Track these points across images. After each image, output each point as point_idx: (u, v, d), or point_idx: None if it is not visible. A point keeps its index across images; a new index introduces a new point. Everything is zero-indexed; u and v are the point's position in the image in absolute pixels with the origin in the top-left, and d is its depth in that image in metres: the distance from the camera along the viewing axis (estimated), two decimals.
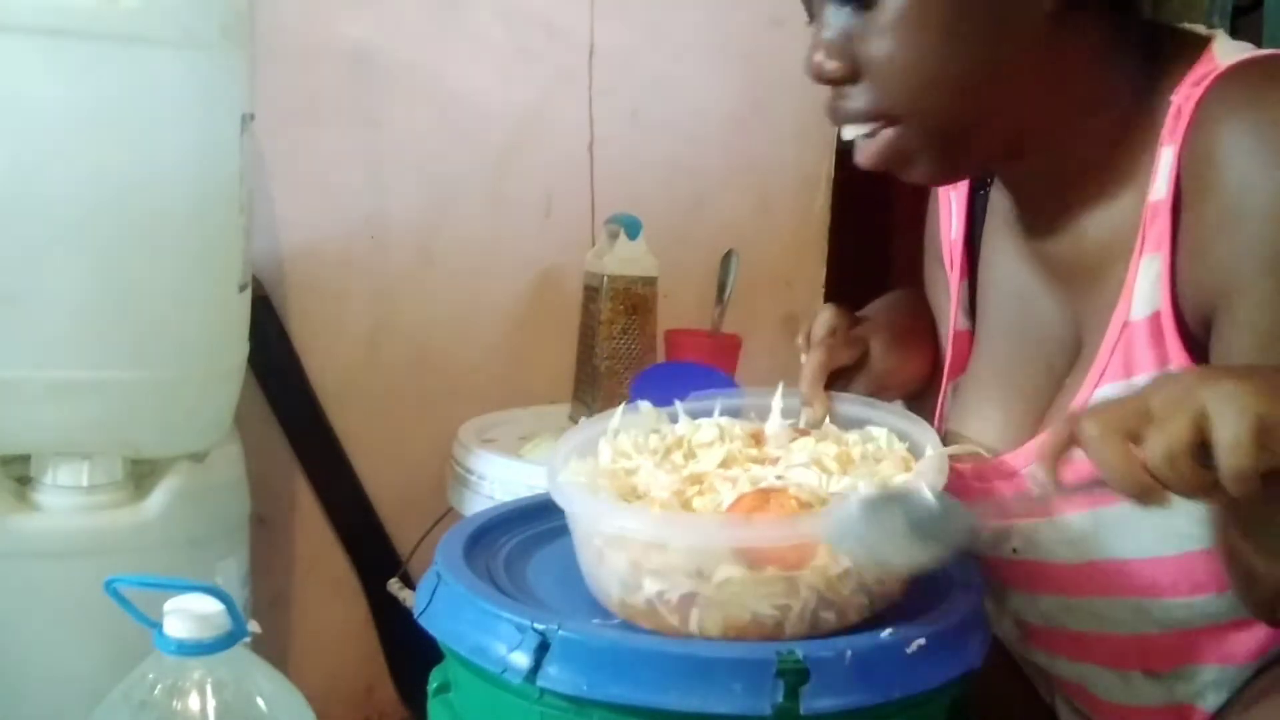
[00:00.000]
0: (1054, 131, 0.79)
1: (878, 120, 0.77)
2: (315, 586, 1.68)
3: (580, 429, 0.83)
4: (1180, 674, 0.84)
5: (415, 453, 1.64)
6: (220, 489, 1.29)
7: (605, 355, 1.37)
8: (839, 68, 0.76)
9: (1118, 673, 0.87)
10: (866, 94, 0.77)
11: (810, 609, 0.69)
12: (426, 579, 0.78)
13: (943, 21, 0.73)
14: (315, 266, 1.61)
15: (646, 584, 0.70)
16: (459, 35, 1.64)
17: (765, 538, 0.69)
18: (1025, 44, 0.74)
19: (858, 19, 0.75)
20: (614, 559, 0.72)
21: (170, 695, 0.73)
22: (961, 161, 0.81)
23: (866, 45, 0.75)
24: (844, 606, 0.70)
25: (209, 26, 1.13)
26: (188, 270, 1.16)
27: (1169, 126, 0.75)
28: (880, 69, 0.75)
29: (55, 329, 1.11)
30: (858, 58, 0.76)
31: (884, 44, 0.74)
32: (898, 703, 0.68)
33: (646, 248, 1.39)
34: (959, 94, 0.75)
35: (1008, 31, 0.74)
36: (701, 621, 0.69)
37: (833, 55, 0.77)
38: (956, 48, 0.73)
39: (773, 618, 0.68)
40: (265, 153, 1.53)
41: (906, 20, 0.73)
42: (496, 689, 0.70)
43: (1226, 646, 0.81)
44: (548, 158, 1.71)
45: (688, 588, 0.68)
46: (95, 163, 1.09)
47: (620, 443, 0.81)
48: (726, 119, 1.80)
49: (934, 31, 0.73)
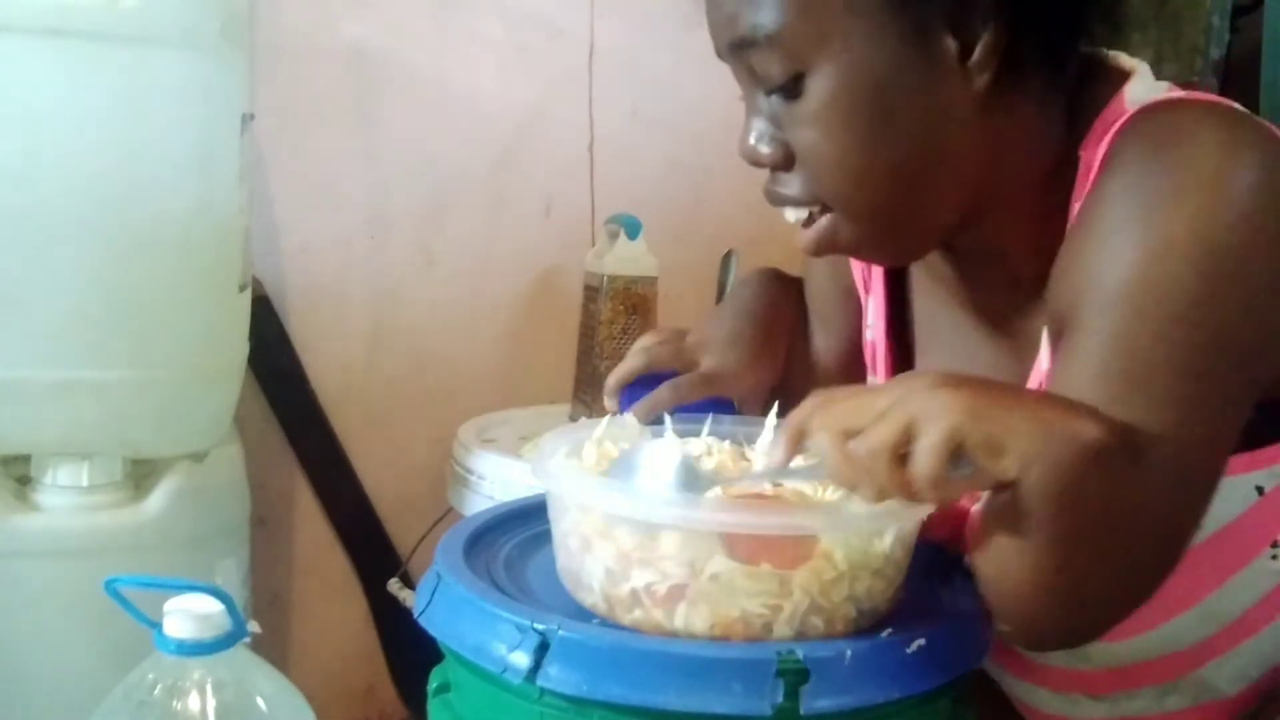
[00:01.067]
0: (992, 204, 0.77)
1: (813, 205, 0.76)
2: (315, 586, 1.68)
3: (563, 432, 0.82)
4: (1121, 696, 0.83)
5: (415, 453, 1.64)
6: (220, 489, 1.29)
7: (605, 355, 1.37)
8: (771, 155, 0.75)
9: (1063, 696, 0.86)
10: (799, 181, 0.75)
11: (800, 613, 0.67)
12: (426, 579, 0.78)
13: (868, 112, 0.70)
14: (315, 266, 1.61)
15: (635, 575, 0.69)
16: (459, 35, 1.64)
17: (765, 525, 0.68)
18: (957, 127, 0.72)
19: (786, 108, 0.73)
20: (602, 547, 0.71)
21: (170, 695, 0.73)
22: (906, 245, 0.79)
23: (796, 134, 0.73)
24: (833, 615, 0.69)
25: (209, 26, 1.13)
26: (188, 270, 1.16)
27: (1079, 184, 0.73)
28: (810, 159, 0.73)
29: (55, 329, 1.11)
30: (789, 145, 0.74)
31: (811, 134, 0.72)
32: (898, 703, 0.68)
33: (646, 248, 1.40)
34: (892, 182, 0.73)
35: (937, 117, 0.71)
36: (688, 616, 0.68)
37: (763, 142, 0.75)
38: (885, 137, 0.71)
39: (761, 618, 0.67)
40: (265, 153, 1.53)
41: (831, 111, 0.71)
42: (496, 689, 0.70)
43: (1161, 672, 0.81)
44: (548, 158, 1.71)
45: (678, 579, 0.68)
46: (95, 162, 1.09)
47: (606, 449, 0.81)
48: (726, 119, 1.78)
49: (861, 122, 0.71)
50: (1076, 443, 0.60)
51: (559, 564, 0.77)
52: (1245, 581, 0.75)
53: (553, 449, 0.79)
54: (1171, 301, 0.65)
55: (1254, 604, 0.77)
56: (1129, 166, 0.68)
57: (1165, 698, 0.82)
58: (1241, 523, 0.72)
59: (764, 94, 0.75)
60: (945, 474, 0.60)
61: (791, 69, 0.71)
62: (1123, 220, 0.67)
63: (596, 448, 0.81)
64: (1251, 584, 0.75)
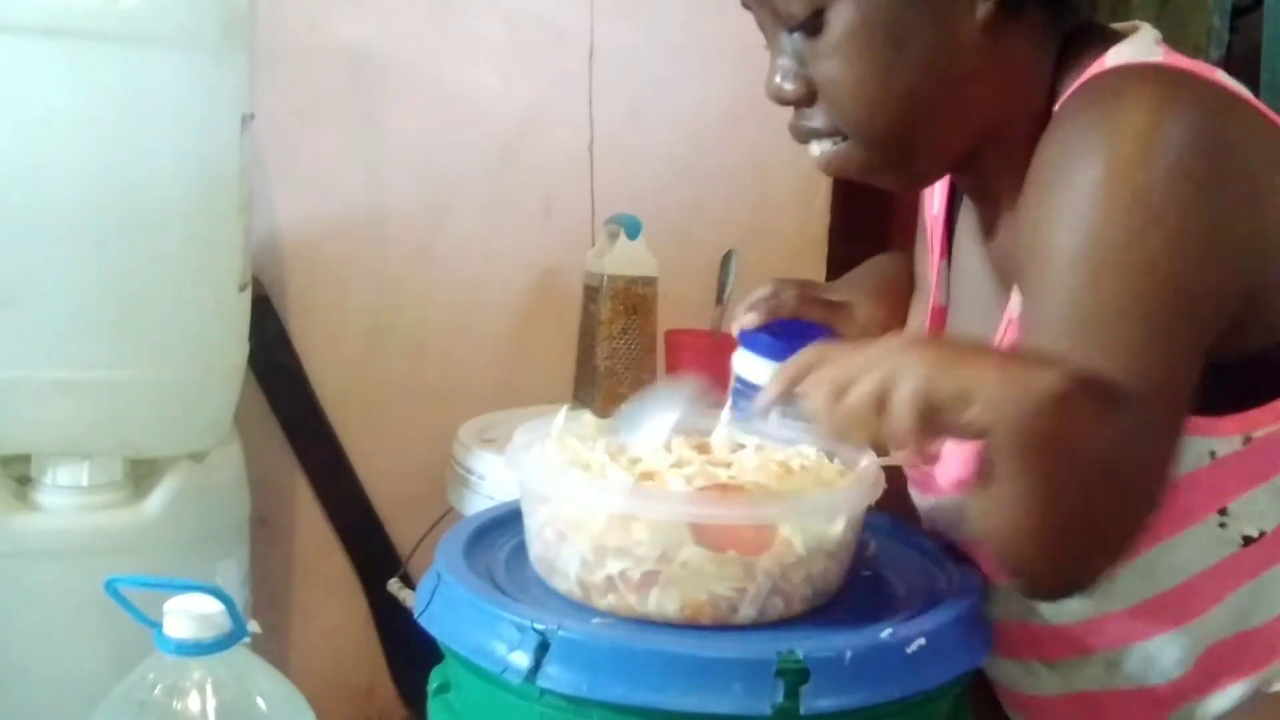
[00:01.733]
0: (990, 143, 0.82)
1: (835, 136, 0.81)
2: (315, 586, 1.68)
3: (534, 426, 0.85)
4: (1074, 662, 0.85)
5: (415, 453, 1.64)
6: (220, 489, 1.29)
7: (605, 355, 1.37)
8: (795, 91, 0.80)
9: (1019, 663, 0.88)
10: (822, 113, 0.80)
11: (763, 594, 0.72)
12: (426, 579, 0.78)
13: (883, 41, 0.76)
14: (315, 266, 1.61)
15: (610, 563, 0.72)
16: (459, 35, 1.64)
17: (731, 515, 0.72)
18: (962, 56, 0.77)
19: (808, 44, 0.78)
20: (576, 538, 0.73)
21: (170, 695, 0.73)
22: (921, 170, 0.84)
23: (818, 68, 0.79)
24: (791, 595, 0.74)
25: (209, 26, 1.13)
26: (188, 270, 1.16)
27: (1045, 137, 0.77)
28: (832, 90, 0.79)
29: (55, 329, 1.11)
30: (812, 80, 0.79)
31: (832, 66, 0.78)
32: (898, 703, 0.68)
33: (646, 248, 1.39)
34: (906, 108, 0.78)
35: (945, 45, 0.77)
36: (660, 600, 0.72)
37: (788, 79, 0.80)
38: (899, 65, 0.77)
39: (728, 600, 0.72)
40: (265, 153, 1.53)
41: (850, 43, 0.77)
42: (496, 689, 0.71)
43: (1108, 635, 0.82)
44: (548, 158, 1.71)
45: (650, 566, 0.71)
46: (95, 163, 1.09)
47: (569, 443, 0.83)
48: (726, 119, 1.79)
49: (876, 51, 0.76)
50: (1036, 388, 0.64)
51: (533, 553, 0.79)
52: (1189, 543, 0.77)
53: (525, 443, 0.81)
54: (1104, 247, 0.69)
55: (1200, 572, 0.78)
56: (1069, 122, 0.73)
57: (1114, 671, 0.83)
58: (1189, 482, 0.74)
59: (787, 33, 0.80)
60: (920, 424, 0.66)
61: (813, 5, 0.77)
62: (1058, 172, 0.71)
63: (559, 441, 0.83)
64: (1197, 548, 0.77)
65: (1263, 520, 0.76)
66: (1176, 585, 0.78)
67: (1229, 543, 0.77)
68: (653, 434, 0.81)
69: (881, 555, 0.87)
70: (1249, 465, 0.75)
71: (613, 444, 0.84)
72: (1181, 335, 0.70)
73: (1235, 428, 0.75)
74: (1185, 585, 0.78)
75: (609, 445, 0.84)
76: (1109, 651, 0.83)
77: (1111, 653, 0.83)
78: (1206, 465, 0.75)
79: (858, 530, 0.78)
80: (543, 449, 0.83)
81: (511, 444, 0.81)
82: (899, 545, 0.88)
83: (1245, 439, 0.75)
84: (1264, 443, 0.75)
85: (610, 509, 0.73)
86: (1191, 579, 0.78)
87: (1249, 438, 0.75)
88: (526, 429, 0.84)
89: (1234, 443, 0.75)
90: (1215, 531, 0.77)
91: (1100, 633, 0.82)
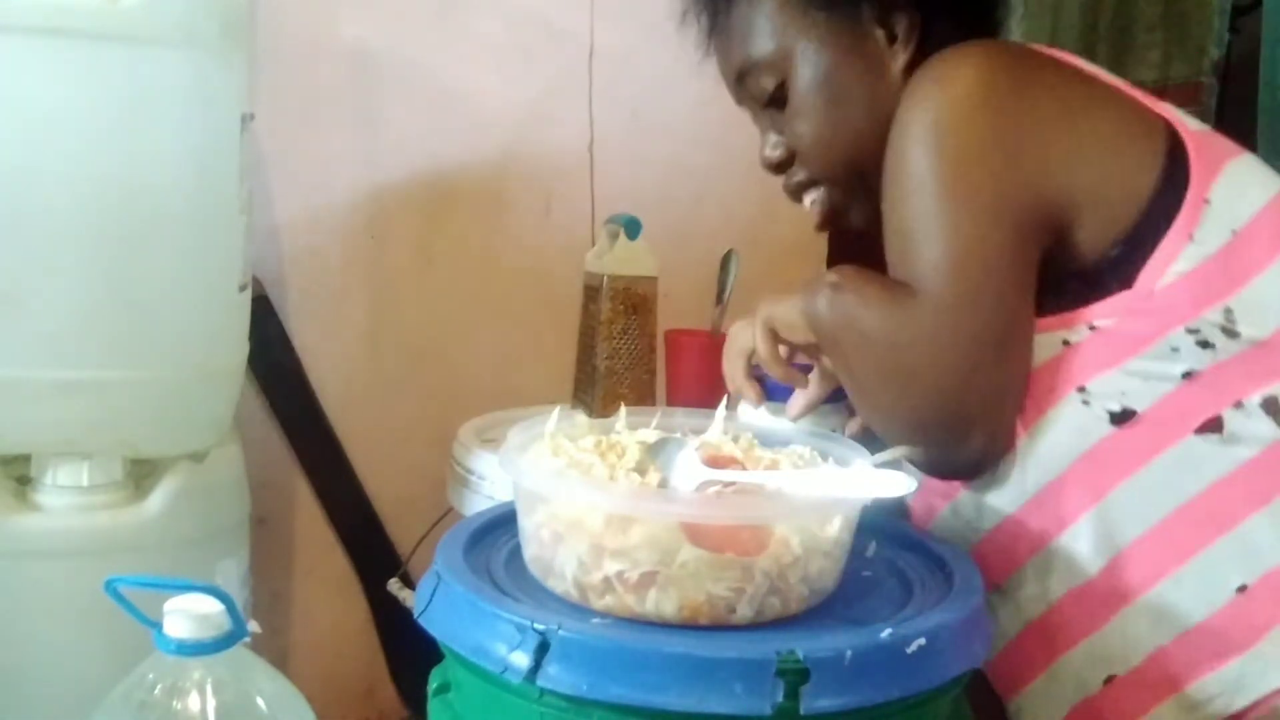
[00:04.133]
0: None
1: (816, 186, 1.00)
2: (315, 586, 1.69)
3: (527, 426, 0.86)
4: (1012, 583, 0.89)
5: (415, 453, 1.64)
6: (220, 489, 1.29)
7: (605, 355, 1.37)
8: (779, 155, 1.00)
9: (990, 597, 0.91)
10: (799, 168, 1.00)
11: (761, 594, 0.73)
12: (426, 579, 0.78)
13: (827, 98, 0.96)
14: (315, 266, 1.61)
15: (607, 564, 0.72)
16: (459, 35, 1.64)
17: (729, 517, 0.73)
18: (890, 98, 0.92)
19: (780, 116, 0.99)
20: (575, 539, 0.74)
21: (170, 695, 0.73)
22: (878, 206, 0.92)
23: (789, 130, 0.99)
24: (788, 595, 0.74)
25: (209, 26, 1.13)
26: (188, 270, 1.16)
27: None
28: (800, 144, 0.98)
29: (55, 329, 1.11)
30: (788, 143, 0.99)
31: (797, 125, 0.98)
32: (898, 703, 0.68)
33: (646, 248, 1.39)
34: (853, 144, 0.96)
35: (874, 92, 0.95)
36: (658, 601, 0.72)
37: (773, 147, 1.00)
38: (845, 110, 0.96)
39: (726, 600, 0.72)
40: (265, 153, 1.53)
41: (805, 104, 0.97)
42: (496, 689, 0.70)
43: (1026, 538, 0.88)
44: (548, 158, 1.71)
45: (648, 567, 0.71)
46: (95, 163, 1.09)
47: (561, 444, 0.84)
48: (726, 119, 1.78)
49: (824, 106, 0.96)
50: (819, 289, 0.86)
51: (528, 554, 0.79)
52: (1057, 424, 0.85)
53: (519, 443, 0.82)
54: (914, 178, 0.84)
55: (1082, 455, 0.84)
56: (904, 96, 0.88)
57: (1046, 579, 0.87)
58: (1048, 368, 0.85)
59: (764, 110, 1.00)
60: (770, 351, 0.92)
61: (775, 79, 0.98)
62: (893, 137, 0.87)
63: (550, 441, 0.84)
64: (1066, 429, 0.84)
65: (1126, 399, 0.83)
66: (1062, 472, 0.85)
67: (1098, 419, 0.83)
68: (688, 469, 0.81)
69: (881, 555, 0.87)
70: (1098, 350, 0.84)
71: (603, 443, 0.85)
72: (997, 244, 0.82)
73: (1080, 319, 0.85)
74: (1071, 470, 0.84)
75: (599, 444, 0.84)
76: (1036, 556, 0.87)
77: (1038, 557, 0.87)
78: (1059, 352, 0.85)
79: (852, 531, 0.79)
80: (537, 449, 0.83)
81: (505, 444, 0.81)
82: (899, 545, 0.89)
83: (1090, 327, 0.84)
84: (1109, 332, 0.84)
85: (608, 510, 0.73)
86: (1074, 464, 0.84)
87: (1093, 326, 0.84)
88: (520, 429, 0.85)
89: (1081, 331, 0.84)
90: (1079, 409, 0.84)
91: (1019, 535, 0.88)
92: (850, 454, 0.85)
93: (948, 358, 0.82)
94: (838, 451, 0.87)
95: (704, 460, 0.80)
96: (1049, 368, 0.85)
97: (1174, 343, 0.82)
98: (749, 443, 0.88)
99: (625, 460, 0.81)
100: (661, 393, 1.46)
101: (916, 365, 0.82)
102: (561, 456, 0.81)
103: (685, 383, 1.46)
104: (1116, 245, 0.84)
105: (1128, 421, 0.83)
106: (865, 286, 0.84)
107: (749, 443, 0.88)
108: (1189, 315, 0.82)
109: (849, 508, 0.77)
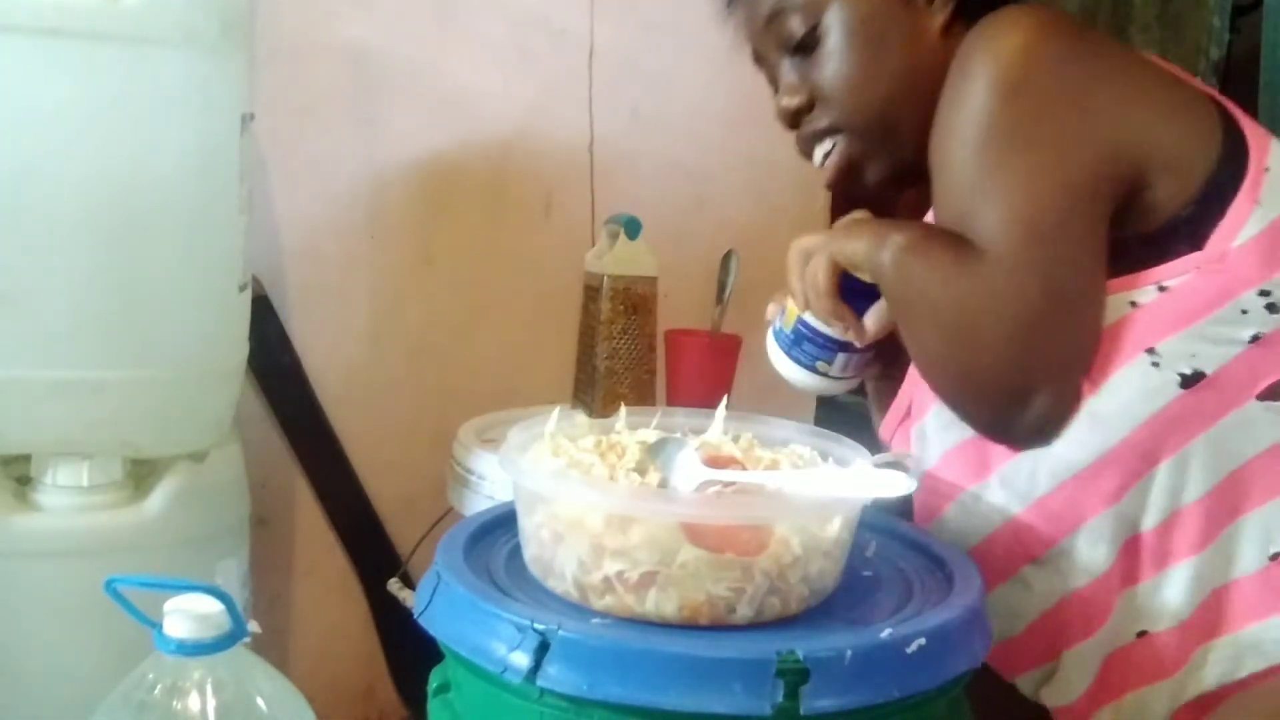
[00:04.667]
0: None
1: (833, 134, 0.97)
2: (315, 586, 1.68)
3: (522, 429, 0.86)
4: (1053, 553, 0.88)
5: (415, 453, 1.64)
6: (220, 489, 1.29)
7: (605, 355, 1.37)
8: (799, 100, 0.97)
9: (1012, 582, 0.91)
10: (820, 115, 0.97)
11: (760, 594, 0.73)
12: (426, 579, 0.78)
13: (865, 43, 0.94)
14: (315, 266, 1.61)
15: (607, 564, 0.72)
16: (459, 35, 1.64)
17: (729, 516, 0.73)
18: (927, 52, 0.93)
19: (805, 61, 0.97)
20: (575, 539, 0.74)
21: (170, 695, 0.73)
22: (905, 157, 0.95)
23: (816, 75, 0.96)
24: (788, 595, 0.74)
25: (209, 26, 1.13)
26: (187, 270, 1.16)
27: None
28: (828, 88, 0.96)
29: (55, 329, 1.11)
30: (811, 90, 0.97)
31: (828, 69, 0.96)
32: (898, 703, 0.68)
33: (646, 248, 1.39)
34: (887, 94, 0.94)
35: (913, 43, 0.94)
36: (659, 601, 0.72)
37: (792, 94, 0.98)
38: (878, 59, 0.94)
39: (726, 600, 0.72)
40: (265, 153, 1.53)
41: (839, 46, 0.95)
42: (496, 689, 0.71)
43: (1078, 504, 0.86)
44: (548, 158, 1.71)
45: (649, 567, 0.72)
46: (95, 163, 1.09)
47: (560, 443, 0.84)
48: (726, 119, 1.80)
49: (860, 49, 0.94)
50: (893, 240, 0.84)
51: (528, 554, 0.79)
52: (1126, 383, 0.83)
53: (519, 443, 0.82)
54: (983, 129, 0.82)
55: (1145, 420, 0.82)
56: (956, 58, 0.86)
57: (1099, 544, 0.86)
58: (1117, 329, 0.83)
59: (789, 58, 0.98)
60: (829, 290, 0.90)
61: (809, 22, 0.95)
62: (949, 94, 0.85)
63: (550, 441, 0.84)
64: (1136, 390, 0.82)
65: (1196, 361, 0.82)
66: (1129, 434, 0.83)
67: (1168, 381, 0.82)
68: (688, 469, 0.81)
69: (881, 555, 0.87)
70: (1168, 311, 0.82)
71: (603, 443, 0.85)
72: (1054, 203, 0.80)
73: (1148, 280, 0.83)
74: (1137, 433, 0.83)
75: (599, 444, 0.84)
76: (1094, 519, 0.86)
77: (1096, 520, 0.86)
78: (1127, 313, 0.83)
79: (852, 531, 0.79)
80: (537, 449, 0.83)
81: (505, 444, 0.81)
82: (899, 545, 0.89)
83: (1160, 287, 0.82)
84: (1179, 294, 0.82)
85: (608, 510, 0.73)
86: (1141, 426, 0.83)
87: (1163, 286, 0.82)
88: (520, 429, 0.85)
89: (1150, 292, 0.83)
90: (1149, 371, 0.82)
91: (1078, 500, 0.86)
92: (850, 454, 0.85)
93: (1017, 324, 0.80)
94: (838, 451, 0.87)
95: (704, 460, 0.80)
96: (1115, 329, 0.83)
97: (1244, 304, 0.81)
98: (749, 443, 0.88)
99: (625, 460, 0.81)
100: (661, 393, 1.46)
101: (984, 330, 0.81)
102: (561, 456, 0.81)
103: (685, 383, 1.46)
104: (1189, 206, 0.82)
105: (1197, 384, 0.82)
106: (932, 249, 0.82)
107: (749, 443, 0.88)
108: (1260, 278, 0.82)
109: (849, 508, 0.77)
